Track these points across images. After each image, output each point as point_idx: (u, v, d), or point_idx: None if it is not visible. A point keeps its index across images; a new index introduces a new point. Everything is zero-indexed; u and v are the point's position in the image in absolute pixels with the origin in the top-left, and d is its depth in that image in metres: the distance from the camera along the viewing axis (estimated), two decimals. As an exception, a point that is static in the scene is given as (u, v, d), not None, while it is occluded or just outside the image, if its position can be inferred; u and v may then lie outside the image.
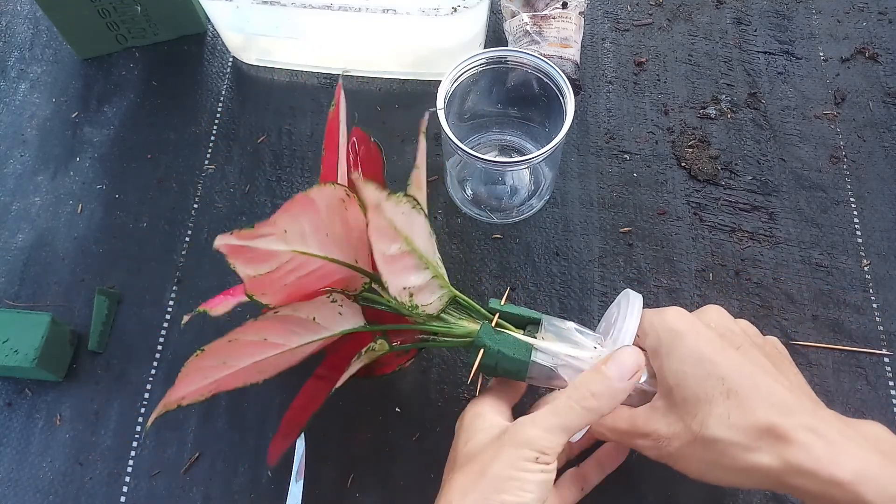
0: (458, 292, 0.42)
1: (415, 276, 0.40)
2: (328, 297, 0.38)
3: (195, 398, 0.39)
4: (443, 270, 0.42)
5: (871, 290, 0.54)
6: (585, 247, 0.56)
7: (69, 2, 0.59)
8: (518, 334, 0.41)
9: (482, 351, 0.40)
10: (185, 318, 0.39)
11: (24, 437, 0.50)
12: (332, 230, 0.36)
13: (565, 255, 0.55)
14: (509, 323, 0.42)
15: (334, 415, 0.49)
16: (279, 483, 0.48)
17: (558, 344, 0.41)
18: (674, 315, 0.39)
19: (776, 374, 0.37)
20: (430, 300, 0.41)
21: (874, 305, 0.53)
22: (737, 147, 0.59)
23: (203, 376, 0.39)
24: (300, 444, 0.48)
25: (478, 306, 0.43)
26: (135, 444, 0.49)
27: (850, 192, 0.57)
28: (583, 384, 0.36)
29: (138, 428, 0.50)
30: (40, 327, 0.49)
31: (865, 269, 0.54)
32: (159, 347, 0.52)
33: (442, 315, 0.42)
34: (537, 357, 0.40)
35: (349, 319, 0.40)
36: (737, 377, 0.36)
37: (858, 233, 0.56)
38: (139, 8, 0.61)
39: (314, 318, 0.39)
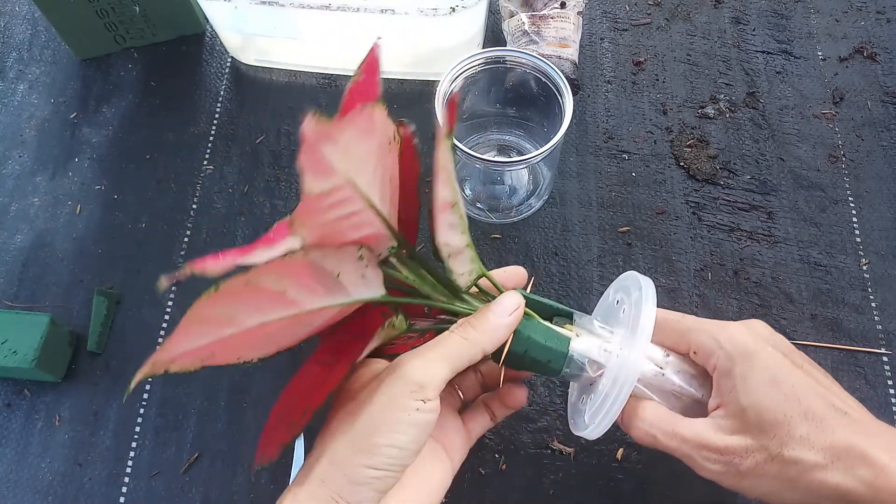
0: (486, 271, 0.39)
1: (455, 237, 0.37)
2: (357, 250, 0.35)
3: (185, 365, 0.34)
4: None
5: (869, 290, 0.54)
6: (584, 246, 0.56)
7: (68, 2, 0.59)
8: (550, 324, 0.39)
9: (512, 334, 0.37)
10: (164, 283, 0.32)
11: (24, 437, 0.50)
12: (376, 169, 0.33)
13: (564, 254, 0.56)
14: (535, 312, 0.40)
15: (333, 415, 0.49)
16: (278, 483, 0.48)
17: (592, 338, 0.38)
18: (739, 332, 0.38)
19: (838, 392, 0.38)
20: (462, 270, 0.38)
21: (873, 304, 0.53)
22: (735, 146, 0.59)
23: (204, 331, 0.34)
24: (300, 444, 0.48)
25: (502, 289, 0.40)
26: (134, 444, 0.49)
27: (848, 192, 0.57)
28: (465, 320, 0.37)
29: (137, 428, 0.50)
30: (39, 328, 0.49)
31: (864, 268, 0.54)
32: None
33: (464, 296, 0.39)
34: (575, 348, 0.38)
35: (371, 286, 0.36)
36: (812, 398, 0.36)
37: (857, 232, 0.56)
38: (137, 8, 0.61)
39: (338, 275, 0.35)
